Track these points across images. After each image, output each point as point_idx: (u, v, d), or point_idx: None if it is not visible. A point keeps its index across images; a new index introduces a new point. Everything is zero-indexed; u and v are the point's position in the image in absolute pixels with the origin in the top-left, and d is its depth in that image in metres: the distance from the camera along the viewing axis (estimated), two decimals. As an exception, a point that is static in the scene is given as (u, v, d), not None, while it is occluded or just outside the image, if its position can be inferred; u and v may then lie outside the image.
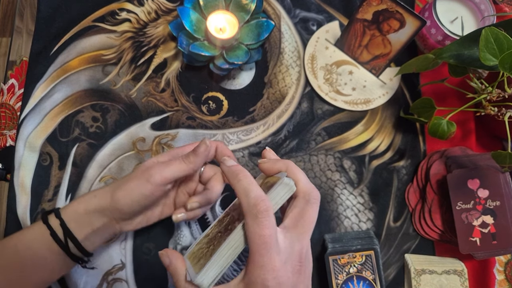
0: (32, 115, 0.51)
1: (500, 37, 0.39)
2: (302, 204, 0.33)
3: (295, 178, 0.34)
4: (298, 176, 0.34)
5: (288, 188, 0.33)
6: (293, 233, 0.32)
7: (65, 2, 0.54)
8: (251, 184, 0.32)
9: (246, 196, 0.31)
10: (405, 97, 0.56)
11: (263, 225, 0.30)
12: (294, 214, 0.33)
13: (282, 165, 0.36)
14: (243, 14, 0.52)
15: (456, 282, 0.47)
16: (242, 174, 0.33)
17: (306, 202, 0.33)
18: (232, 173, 0.33)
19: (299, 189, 0.34)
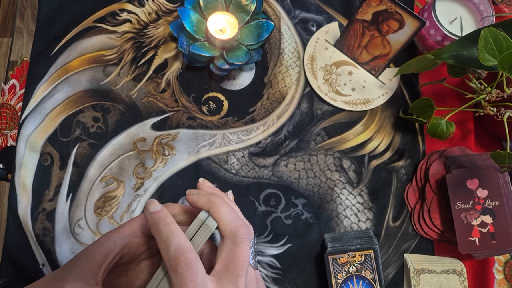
0: (33, 115, 0.51)
1: (499, 37, 0.39)
2: (229, 246, 0.30)
3: (217, 216, 0.31)
4: (221, 213, 0.31)
5: (206, 229, 0.31)
6: (226, 278, 0.29)
7: (66, 3, 0.54)
8: (172, 234, 0.28)
9: (166, 250, 0.28)
10: (404, 97, 0.56)
11: (185, 279, 0.27)
12: (223, 257, 0.30)
13: (205, 200, 0.32)
14: (243, 15, 0.52)
15: (455, 281, 0.48)
16: (163, 223, 0.29)
17: (232, 243, 0.30)
18: (152, 223, 0.29)
19: (223, 228, 0.31)
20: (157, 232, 0.29)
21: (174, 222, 0.30)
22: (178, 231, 0.29)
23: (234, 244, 0.30)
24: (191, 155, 0.51)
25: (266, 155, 0.52)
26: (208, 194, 0.33)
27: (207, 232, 0.31)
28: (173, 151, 0.51)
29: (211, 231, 0.31)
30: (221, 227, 0.31)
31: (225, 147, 0.52)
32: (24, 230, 0.48)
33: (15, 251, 0.48)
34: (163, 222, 0.29)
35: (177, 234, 0.29)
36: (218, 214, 0.31)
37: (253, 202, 0.51)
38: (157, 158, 0.51)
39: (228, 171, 0.51)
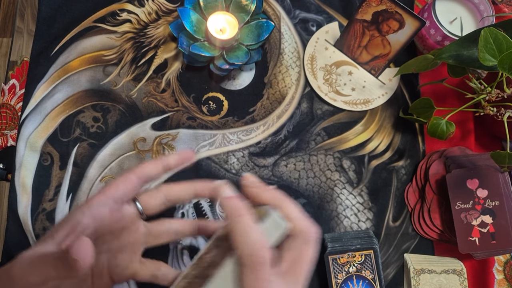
0: (33, 115, 0.51)
1: (499, 37, 0.39)
2: (300, 245, 0.29)
3: (288, 213, 0.29)
4: (292, 211, 0.29)
5: (281, 228, 0.29)
6: (291, 279, 0.28)
7: (66, 3, 0.54)
8: (250, 228, 0.27)
9: (244, 243, 0.26)
10: (404, 97, 0.56)
11: (261, 278, 0.26)
12: (292, 257, 0.29)
13: (271, 196, 0.30)
14: (243, 15, 0.52)
15: (455, 281, 0.48)
16: (240, 213, 0.28)
17: (304, 243, 0.29)
18: (231, 208, 0.28)
19: (296, 227, 0.29)
20: (236, 218, 0.27)
21: (248, 213, 0.28)
22: (255, 225, 0.28)
23: (307, 244, 0.29)
24: (191, 155, 0.51)
25: (266, 155, 0.52)
26: (270, 189, 0.31)
27: (280, 232, 0.29)
28: (173, 151, 0.51)
29: (283, 230, 0.29)
30: (294, 225, 0.29)
31: (225, 147, 0.52)
32: (24, 230, 0.48)
33: (15, 251, 0.48)
34: (240, 212, 0.28)
35: (255, 228, 0.27)
36: (289, 212, 0.29)
37: (253, 202, 0.51)
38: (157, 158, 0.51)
39: (228, 171, 0.51)
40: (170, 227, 0.38)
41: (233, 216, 0.27)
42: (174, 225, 0.38)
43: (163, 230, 0.38)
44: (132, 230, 0.36)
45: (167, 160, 0.35)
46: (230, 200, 0.29)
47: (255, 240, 0.26)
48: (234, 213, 0.28)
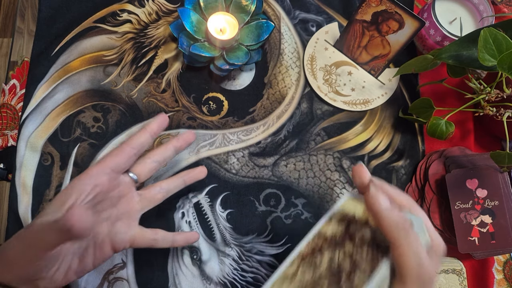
0: (33, 115, 0.51)
1: (499, 37, 0.39)
2: (435, 258, 0.28)
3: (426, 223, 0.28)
4: (427, 221, 0.28)
5: (426, 242, 0.27)
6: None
7: (66, 3, 0.55)
8: (421, 246, 0.25)
9: (417, 257, 0.25)
10: (404, 97, 0.56)
11: (438, 265, 0.26)
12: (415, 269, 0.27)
13: (406, 200, 0.29)
14: (243, 15, 0.52)
15: (455, 281, 0.48)
16: (409, 225, 0.26)
17: (436, 256, 0.28)
18: (398, 221, 0.25)
19: (432, 239, 0.28)
20: (404, 235, 0.25)
21: (413, 228, 0.27)
22: (423, 247, 0.26)
23: (438, 257, 0.28)
24: (191, 155, 0.51)
25: (266, 155, 0.52)
26: (401, 192, 0.30)
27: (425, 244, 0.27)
28: (173, 151, 0.51)
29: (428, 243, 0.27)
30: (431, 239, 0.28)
31: (225, 147, 0.52)
32: (25, 230, 0.48)
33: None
34: (406, 226, 0.25)
35: (424, 251, 0.26)
36: (426, 221, 0.28)
37: (253, 202, 0.51)
38: (157, 158, 0.51)
39: (228, 171, 0.52)
40: (161, 187, 0.42)
41: (399, 231, 0.25)
42: (164, 184, 0.42)
43: (155, 192, 0.42)
44: (128, 197, 0.40)
45: (149, 126, 0.40)
46: (398, 216, 0.26)
47: (424, 260, 0.25)
48: (400, 225, 0.25)
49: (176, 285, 0.48)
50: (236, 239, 0.49)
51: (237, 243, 0.49)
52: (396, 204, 0.28)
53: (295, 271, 0.28)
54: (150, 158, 0.41)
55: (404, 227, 0.25)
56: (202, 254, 0.49)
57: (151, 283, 0.48)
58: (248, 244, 0.49)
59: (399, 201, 0.29)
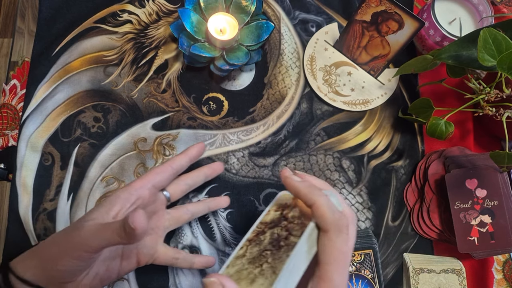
0: (34, 116, 0.51)
1: (498, 38, 0.39)
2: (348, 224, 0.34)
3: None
4: (340, 197, 0.35)
5: (340, 206, 0.34)
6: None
7: (67, 3, 0.55)
8: (331, 201, 0.31)
9: (330, 210, 0.30)
10: (403, 97, 0.56)
11: (346, 241, 0.30)
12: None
13: (323, 183, 0.36)
14: (243, 16, 0.52)
15: (454, 281, 0.48)
16: (318, 189, 0.32)
17: (351, 223, 0.34)
18: (309, 188, 0.32)
19: (344, 210, 0.34)
20: (319, 195, 0.31)
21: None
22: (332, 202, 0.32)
23: (352, 224, 0.34)
24: (191, 155, 0.51)
25: (266, 155, 0.53)
26: (318, 178, 0.37)
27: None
28: (173, 151, 0.52)
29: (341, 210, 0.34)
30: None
31: (225, 147, 0.52)
32: (25, 230, 0.48)
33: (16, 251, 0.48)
34: (319, 192, 0.32)
35: (333, 204, 0.32)
36: (339, 197, 0.35)
37: (253, 202, 0.51)
38: (157, 158, 0.51)
39: (228, 171, 0.52)
40: (187, 209, 0.45)
41: (315, 195, 0.31)
42: (190, 207, 0.45)
43: (182, 212, 0.44)
44: (159, 214, 0.42)
45: (190, 151, 0.43)
46: (304, 183, 0.32)
47: (336, 211, 0.31)
48: (314, 193, 0.31)
49: (176, 285, 0.48)
50: (236, 239, 0.50)
51: (237, 242, 0.49)
52: (309, 180, 0.35)
53: (244, 251, 0.33)
54: (183, 181, 0.44)
55: (316, 191, 0.31)
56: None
57: (151, 283, 0.48)
58: (248, 244, 0.49)
59: (318, 183, 0.36)
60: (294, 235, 0.32)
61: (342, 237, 0.30)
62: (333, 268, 0.30)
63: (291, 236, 0.32)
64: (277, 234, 0.33)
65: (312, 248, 0.32)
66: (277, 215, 0.36)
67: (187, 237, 0.49)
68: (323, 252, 0.30)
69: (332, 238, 0.30)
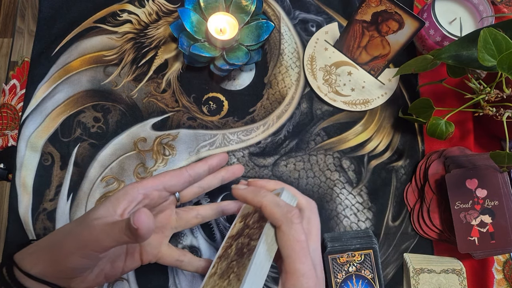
0: (33, 116, 0.51)
1: (499, 37, 0.39)
2: (309, 214, 0.36)
3: (293, 193, 0.37)
4: (295, 191, 0.38)
5: (294, 201, 0.35)
6: (311, 236, 0.35)
7: (67, 3, 0.55)
8: (277, 198, 0.33)
9: (277, 206, 0.32)
10: (403, 97, 0.56)
11: (300, 230, 0.31)
12: (306, 223, 0.36)
13: (275, 183, 0.38)
14: (243, 16, 0.52)
15: (454, 281, 0.48)
16: (264, 190, 0.34)
17: (311, 212, 0.37)
18: (254, 191, 0.33)
19: (301, 201, 0.37)
20: (262, 196, 0.33)
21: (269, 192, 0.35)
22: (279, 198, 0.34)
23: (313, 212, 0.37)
24: (191, 155, 0.51)
25: (266, 155, 0.53)
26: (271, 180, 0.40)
27: (294, 202, 0.36)
28: (173, 151, 0.51)
29: (296, 202, 0.36)
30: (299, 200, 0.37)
31: (225, 147, 0.52)
32: (25, 230, 0.48)
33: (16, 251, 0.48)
34: (264, 189, 0.34)
35: (280, 199, 0.33)
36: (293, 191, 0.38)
37: (253, 202, 0.51)
38: (157, 158, 0.51)
39: (228, 171, 0.52)
40: (198, 213, 0.44)
41: (259, 196, 0.33)
42: (201, 210, 0.44)
43: (192, 215, 0.43)
44: (166, 214, 0.42)
45: (210, 160, 0.42)
46: (249, 188, 0.34)
47: (284, 204, 0.32)
48: (259, 194, 0.33)
49: (176, 285, 0.48)
50: (236, 239, 0.50)
51: (237, 243, 0.49)
52: (258, 185, 0.38)
53: (216, 269, 0.34)
54: (197, 183, 0.43)
55: (260, 193, 0.32)
56: (202, 254, 0.49)
57: (151, 283, 0.48)
58: (248, 244, 0.49)
59: (269, 185, 0.38)
60: (254, 239, 0.32)
61: (294, 227, 0.31)
62: (294, 260, 0.30)
63: (252, 241, 0.32)
64: (241, 243, 0.34)
65: (272, 246, 0.32)
66: (241, 226, 0.36)
67: (187, 237, 0.49)
68: (282, 247, 0.31)
69: (286, 231, 0.31)
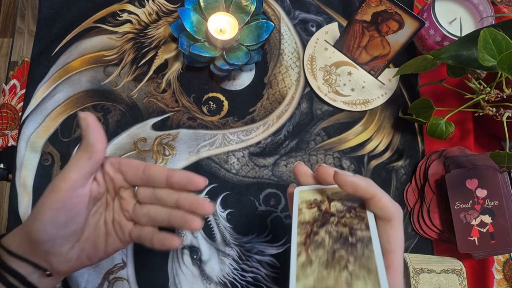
0: (33, 116, 0.51)
1: (499, 37, 0.39)
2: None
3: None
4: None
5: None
6: None
7: (66, 3, 0.55)
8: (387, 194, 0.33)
9: (391, 200, 0.31)
10: (404, 97, 0.56)
11: (402, 227, 0.31)
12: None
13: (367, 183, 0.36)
14: (243, 16, 0.52)
15: (454, 281, 0.48)
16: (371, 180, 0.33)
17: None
18: (366, 180, 0.32)
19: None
20: (375, 187, 0.31)
21: None
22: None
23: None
24: (191, 155, 0.51)
25: (266, 155, 0.53)
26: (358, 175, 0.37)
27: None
28: (173, 151, 0.51)
29: None
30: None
31: (225, 147, 0.52)
32: (25, 230, 0.48)
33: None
34: (375, 186, 0.32)
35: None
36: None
37: (253, 202, 0.51)
38: (157, 158, 0.51)
39: (228, 171, 0.52)
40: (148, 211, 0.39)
41: (371, 187, 0.31)
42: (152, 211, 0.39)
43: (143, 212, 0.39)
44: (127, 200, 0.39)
45: (172, 172, 0.36)
46: (355, 176, 0.32)
47: (394, 201, 0.31)
48: (371, 185, 0.31)
49: (176, 285, 0.48)
50: (236, 239, 0.50)
51: (237, 243, 0.49)
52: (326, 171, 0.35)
53: (306, 256, 0.30)
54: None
55: (371, 183, 0.31)
56: (202, 254, 0.49)
57: (151, 283, 0.48)
58: (248, 244, 0.49)
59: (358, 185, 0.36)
60: (357, 228, 0.31)
61: (401, 224, 0.31)
62: (399, 256, 0.31)
63: (357, 231, 0.31)
64: (337, 232, 0.32)
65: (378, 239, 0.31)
66: (315, 212, 0.33)
67: (187, 237, 0.49)
68: (388, 241, 0.31)
69: (396, 227, 0.31)
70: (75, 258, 0.35)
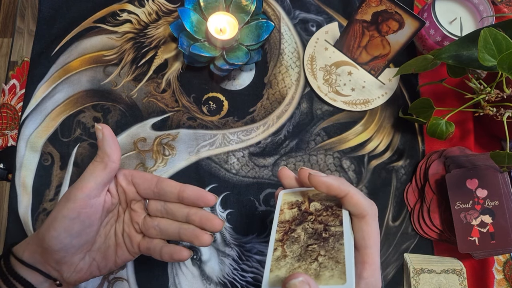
0: (33, 115, 0.51)
1: (499, 37, 0.39)
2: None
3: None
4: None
5: None
6: None
7: (66, 3, 0.55)
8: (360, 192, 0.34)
9: (363, 196, 0.32)
10: (404, 97, 0.56)
11: (377, 223, 0.32)
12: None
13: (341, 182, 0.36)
14: (243, 15, 0.52)
15: (455, 281, 0.48)
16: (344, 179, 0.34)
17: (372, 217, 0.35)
18: (339, 179, 0.32)
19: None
20: (347, 185, 0.32)
21: None
22: None
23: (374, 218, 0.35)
24: (191, 155, 0.51)
25: (266, 155, 0.52)
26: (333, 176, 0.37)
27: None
28: (173, 151, 0.51)
29: None
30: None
31: (225, 147, 0.52)
32: (25, 230, 0.48)
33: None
34: (348, 184, 0.33)
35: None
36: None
37: (253, 202, 0.51)
38: (157, 158, 0.51)
39: (228, 171, 0.52)
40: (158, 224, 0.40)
41: (344, 185, 0.32)
42: (162, 224, 0.40)
43: (153, 224, 0.40)
44: (138, 212, 0.40)
45: (184, 187, 0.37)
46: (331, 177, 0.33)
47: (367, 198, 0.32)
48: (343, 183, 0.32)
49: (176, 285, 0.48)
50: (236, 239, 0.49)
51: (237, 243, 0.49)
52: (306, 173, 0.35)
53: (282, 252, 0.32)
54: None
55: (344, 182, 0.32)
56: (202, 254, 0.49)
57: (151, 283, 0.48)
58: (248, 244, 0.49)
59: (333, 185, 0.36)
60: (332, 225, 0.32)
61: (376, 220, 0.32)
62: (375, 251, 0.31)
63: (331, 227, 0.32)
64: (312, 228, 0.33)
65: (352, 235, 0.32)
66: (295, 212, 0.35)
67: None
68: (363, 237, 0.31)
69: (371, 223, 0.31)
70: (86, 269, 0.36)
